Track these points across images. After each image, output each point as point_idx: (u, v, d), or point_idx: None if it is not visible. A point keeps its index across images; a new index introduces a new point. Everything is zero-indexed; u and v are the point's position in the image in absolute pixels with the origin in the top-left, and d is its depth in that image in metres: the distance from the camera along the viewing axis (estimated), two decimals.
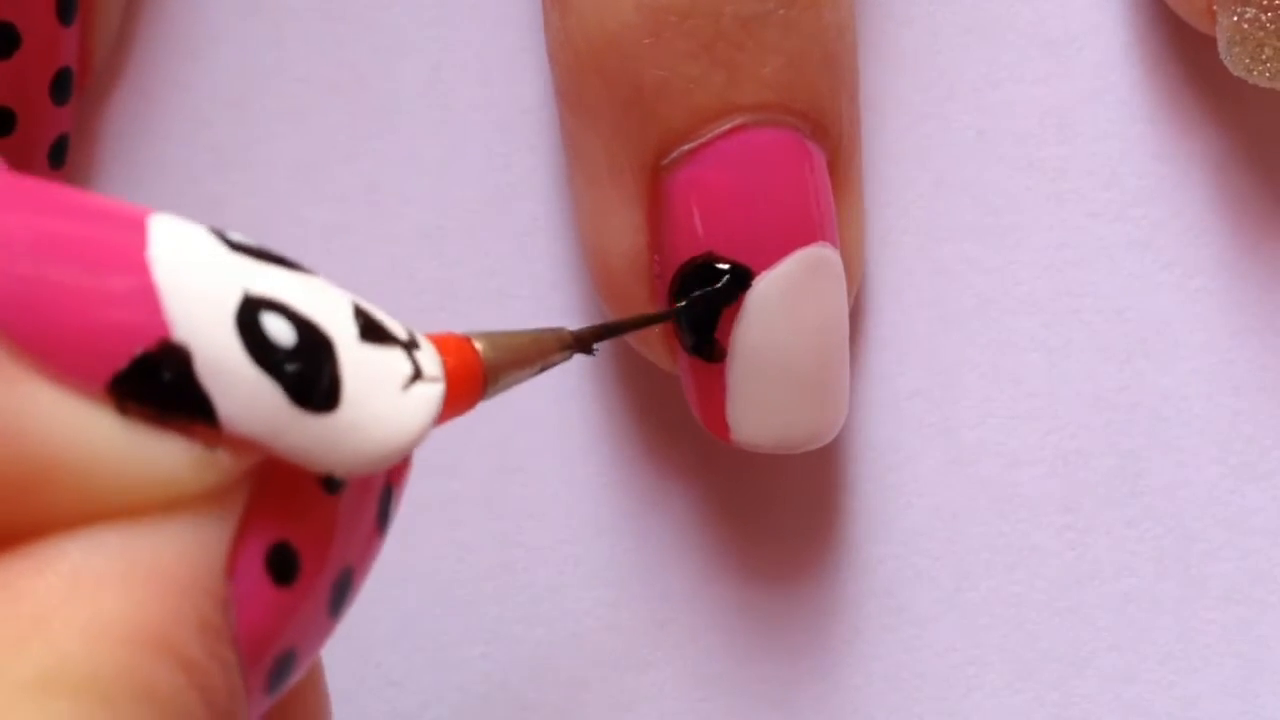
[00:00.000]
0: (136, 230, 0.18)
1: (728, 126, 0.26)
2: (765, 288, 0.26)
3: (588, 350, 0.23)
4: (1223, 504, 0.29)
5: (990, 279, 0.29)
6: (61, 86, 0.28)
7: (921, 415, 0.29)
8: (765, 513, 0.29)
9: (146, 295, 0.18)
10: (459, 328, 0.29)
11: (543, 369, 0.22)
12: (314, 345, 0.18)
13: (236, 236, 0.19)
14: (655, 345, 0.27)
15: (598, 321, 0.29)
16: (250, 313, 0.18)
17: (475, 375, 0.21)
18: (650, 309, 0.27)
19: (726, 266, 0.26)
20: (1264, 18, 0.27)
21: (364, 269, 0.29)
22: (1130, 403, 0.29)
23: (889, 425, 0.29)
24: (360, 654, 0.29)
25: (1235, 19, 0.27)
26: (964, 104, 0.30)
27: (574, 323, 0.29)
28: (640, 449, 0.29)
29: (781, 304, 0.26)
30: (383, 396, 0.19)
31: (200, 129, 0.30)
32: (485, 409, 0.29)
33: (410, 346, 0.20)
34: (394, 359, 0.19)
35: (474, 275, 0.29)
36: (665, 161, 0.26)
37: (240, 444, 0.18)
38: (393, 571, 0.29)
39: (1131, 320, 0.29)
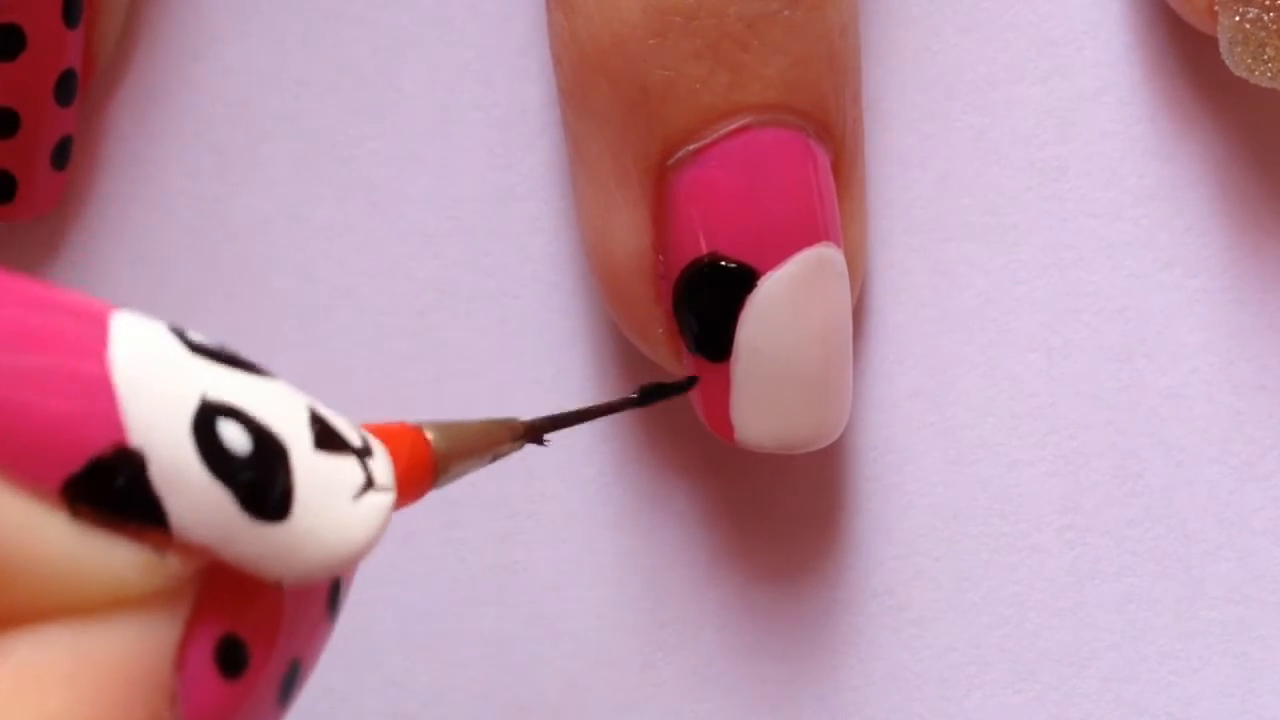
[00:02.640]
0: (98, 327, 0.18)
1: (733, 127, 0.26)
2: (770, 288, 0.26)
3: (538, 441, 0.23)
4: (1223, 504, 0.29)
5: (990, 279, 0.29)
6: (65, 88, 0.28)
7: (921, 415, 0.29)
8: (765, 513, 0.29)
9: (104, 397, 0.18)
10: (459, 328, 0.29)
11: (494, 459, 0.22)
12: (268, 454, 0.18)
13: (197, 337, 0.19)
14: (660, 346, 0.27)
15: (600, 320, 0.29)
16: (207, 418, 0.18)
17: (426, 468, 0.21)
18: (654, 309, 0.27)
19: (732, 266, 0.26)
20: (1266, 18, 0.27)
21: (364, 269, 0.29)
22: (1130, 403, 0.29)
23: (889, 425, 0.29)
24: (360, 654, 0.29)
25: (1237, 19, 0.27)
26: (964, 104, 0.30)
27: (574, 322, 0.29)
28: (640, 449, 0.29)
29: (786, 304, 0.26)
30: (334, 506, 0.19)
31: (200, 129, 0.30)
32: (484, 409, 0.29)
33: (364, 454, 0.20)
34: (347, 467, 0.19)
35: (474, 275, 0.29)
36: (670, 162, 0.26)
37: (191, 549, 0.18)
38: (393, 571, 0.29)
39: (1131, 320, 0.29)
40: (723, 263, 0.26)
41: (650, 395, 0.26)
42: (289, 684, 0.19)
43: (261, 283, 0.29)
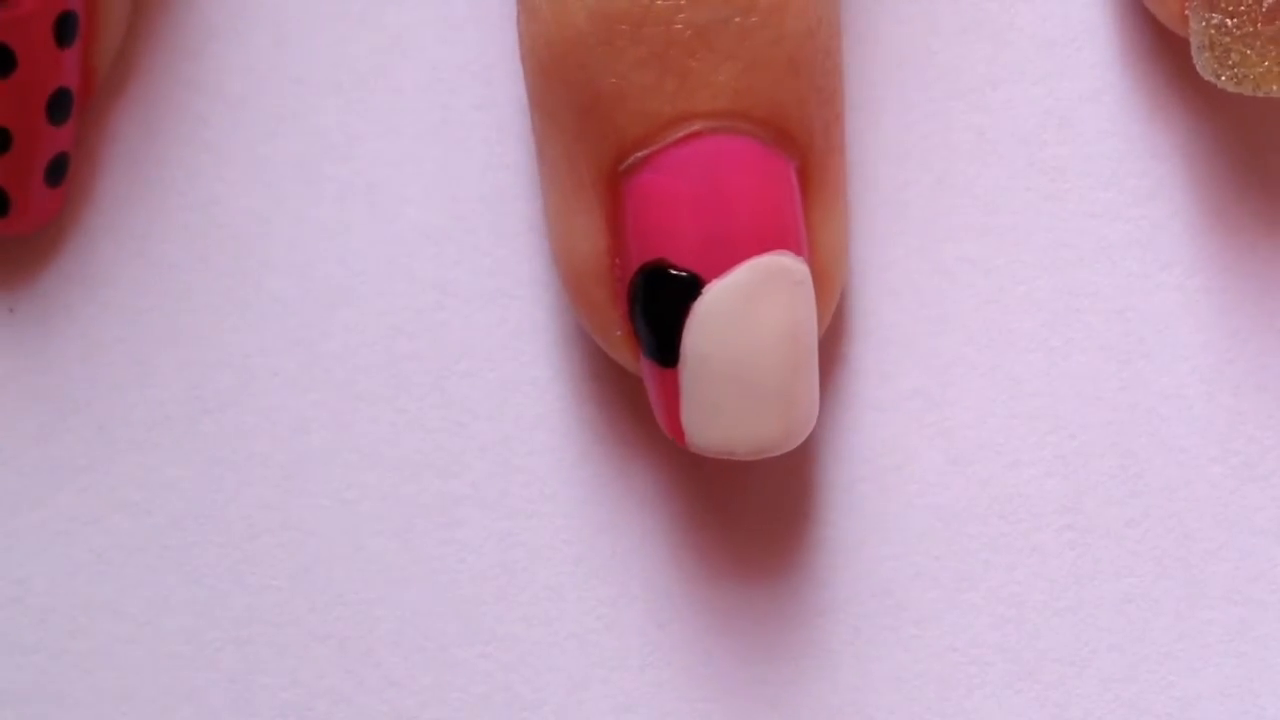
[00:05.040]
0: None
1: (682, 134, 0.26)
2: (715, 296, 0.26)
3: None
4: (1223, 504, 0.29)
5: (990, 279, 0.29)
6: (59, 107, 0.28)
7: (921, 415, 0.29)
8: (765, 513, 0.29)
9: None
10: (459, 328, 0.29)
11: None
12: None
13: None
14: (620, 349, 0.27)
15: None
16: None
17: None
18: (612, 313, 0.27)
19: (678, 273, 0.26)
20: (1230, 23, 0.27)
21: (364, 269, 0.29)
22: (1130, 403, 0.29)
23: (889, 425, 0.29)
24: (360, 654, 0.29)
25: (1204, 24, 0.27)
26: (964, 104, 0.30)
27: (573, 322, 0.29)
28: (640, 449, 0.29)
29: (732, 313, 0.26)
30: None
31: (200, 129, 0.30)
32: (484, 409, 0.29)
33: None
34: None
35: (474, 275, 0.29)
36: (622, 167, 0.26)
37: None
38: (393, 571, 0.29)
39: (1131, 320, 0.29)
40: (670, 270, 0.26)
41: None
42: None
43: (261, 283, 0.29)
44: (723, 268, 0.26)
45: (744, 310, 0.26)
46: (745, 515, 0.29)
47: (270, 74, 0.30)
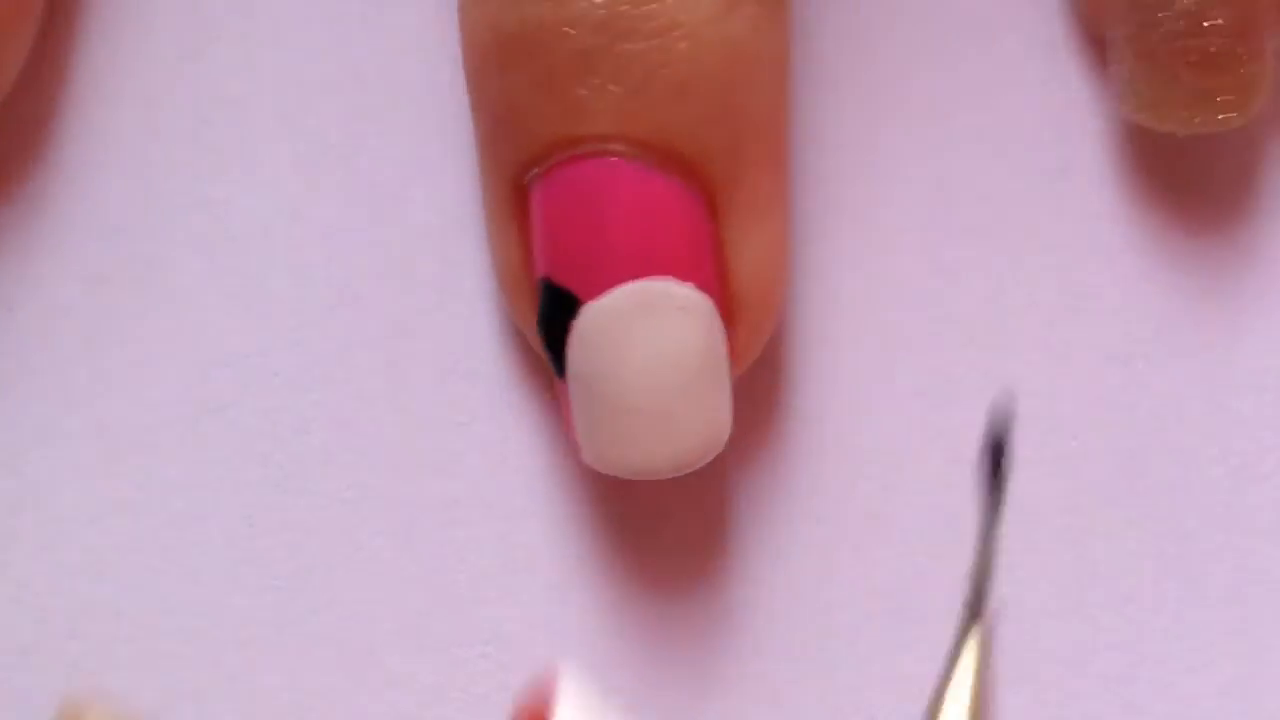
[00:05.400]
0: None
1: (565, 156, 0.26)
2: (590, 317, 0.26)
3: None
4: (1223, 504, 0.29)
5: (990, 279, 0.29)
6: None
7: (921, 415, 0.29)
8: (765, 512, 0.29)
9: None
10: (459, 328, 0.29)
11: None
12: None
13: None
14: (542, 354, 0.27)
15: None
16: None
17: None
18: (532, 320, 0.27)
19: (562, 291, 0.26)
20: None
21: (364, 269, 0.29)
22: (1130, 403, 0.29)
23: (889, 425, 0.29)
24: (360, 654, 0.29)
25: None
26: (964, 104, 0.30)
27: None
28: None
29: (607, 335, 0.26)
30: None
31: (200, 129, 0.30)
32: (483, 409, 0.29)
33: None
34: None
35: (473, 275, 0.29)
36: (525, 181, 0.27)
37: None
38: (393, 571, 0.29)
39: (1131, 320, 0.29)
40: (555, 286, 0.26)
41: None
42: None
43: (261, 283, 0.29)
44: (598, 290, 0.26)
45: (620, 333, 0.26)
46: (746, 514, 0.29)
47: (270, 74, 0.30)
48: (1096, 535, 0.29)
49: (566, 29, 0.26)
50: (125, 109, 0.30)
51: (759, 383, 0.29)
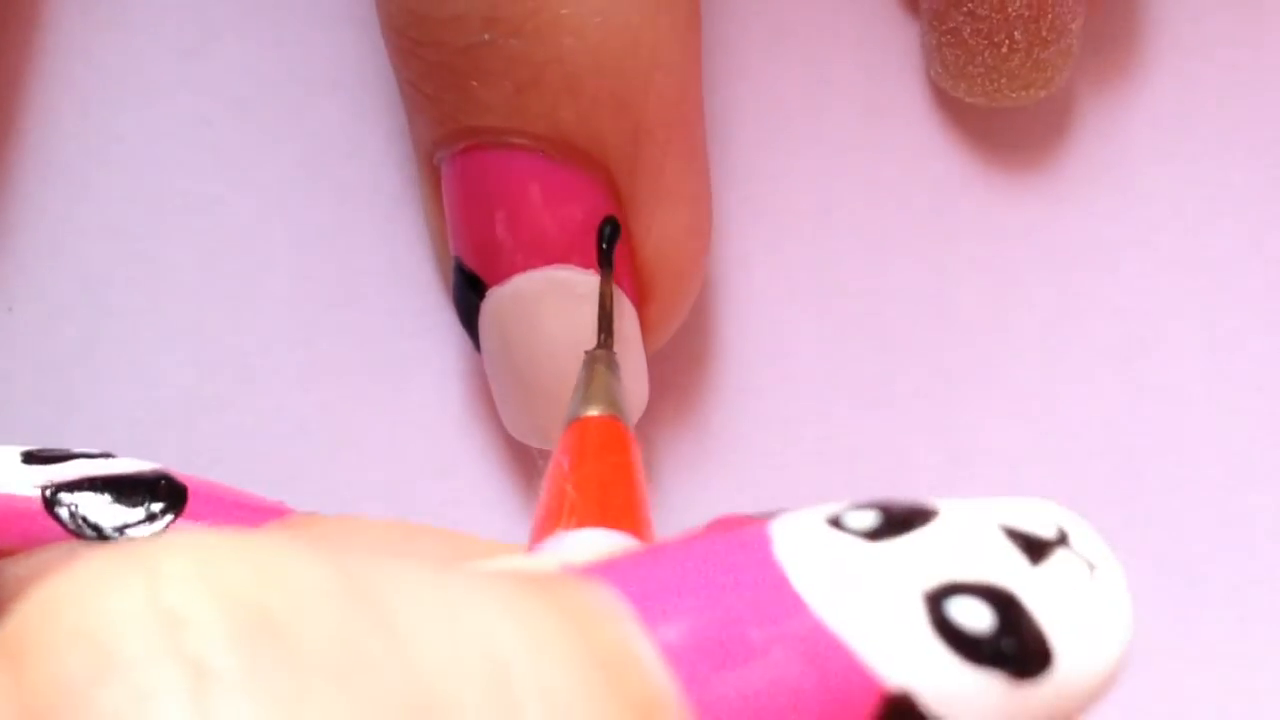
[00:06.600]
0: (780, 588, 0.17)
1: (461, 146, 0.26)
2: (493, 301, 0.26)
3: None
4: (1223, 504, 0.29)
5: (990, 279, 0.29)
6: None
7: (921, 415, 0.29)
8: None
9: (840, 657, 0.16)
10: (459, 328, 0.29)
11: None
12: (1009, 611, 0.17)
13: (853, 519, 0.17)
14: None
15: None
16: (939, 617, 0.17)
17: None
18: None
19: (470, 274, 0.26)
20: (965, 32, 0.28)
21: (364, 269, 0.29)
22: (1130, 403, 0.29)
23: (889, 425, 0.29)
24: None
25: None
26: (962, 105, 0.30)
27: None
28: (641, 447, 0.29)
29: (508, 318, 0.26)
30: (1075, 612, 0.18)
31: (200, 129, 0.30)
32: (482, 408, 0.29)
33: (1061, 541, 0.18)
34: (1066, 567, 0.18)
35: None
36: (435, 162, 0.27)
37: None
38: None
39: (1131, 320, 0.29)
40: (464, 268, 0.27)
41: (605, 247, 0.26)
42: None
43: (261, 283, 0.29)
44: (502, 276, 0.26)
45: (523, 318, 0.26)
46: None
47: (270, 74, 0.30)
48: None
49: (455, 23, 0.26)
50: (126, 109, 0.30)
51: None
